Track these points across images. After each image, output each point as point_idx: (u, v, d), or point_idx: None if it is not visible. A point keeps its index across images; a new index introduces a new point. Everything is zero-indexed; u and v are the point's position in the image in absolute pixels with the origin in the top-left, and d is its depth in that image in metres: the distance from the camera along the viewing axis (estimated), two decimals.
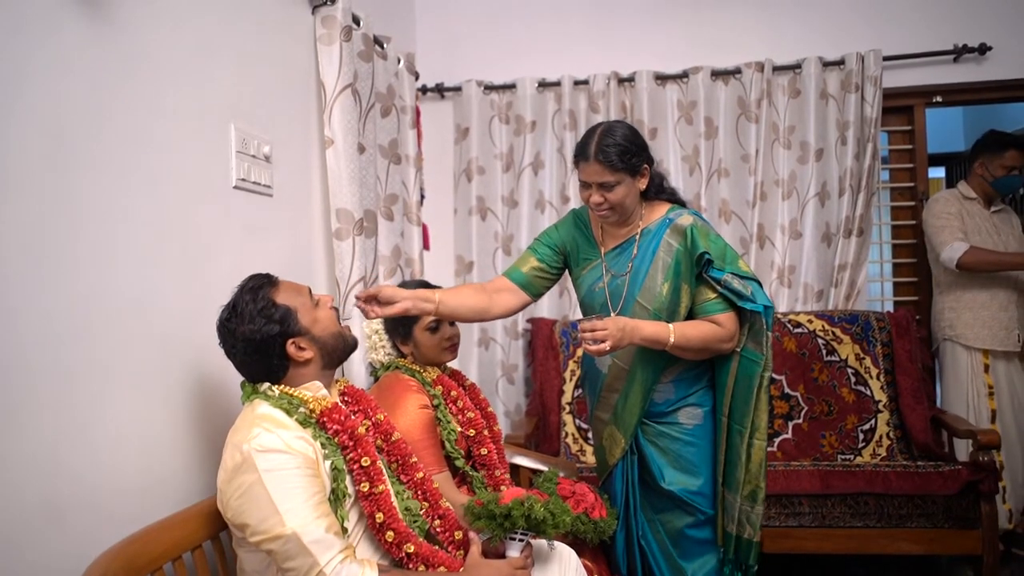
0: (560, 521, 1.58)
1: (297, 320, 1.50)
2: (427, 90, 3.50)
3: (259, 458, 1.34)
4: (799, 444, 3.01)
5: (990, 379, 3.15)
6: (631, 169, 1.96)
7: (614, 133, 1.97)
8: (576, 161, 2.03)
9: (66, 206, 1.33)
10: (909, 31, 3.32)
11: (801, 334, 3.11)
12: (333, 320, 1.58)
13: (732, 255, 1.98)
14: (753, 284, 1.95)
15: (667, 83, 3.41)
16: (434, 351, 2.04)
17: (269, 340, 1.48)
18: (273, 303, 1.49)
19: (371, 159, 2.52)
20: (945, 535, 2.63)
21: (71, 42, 1.35)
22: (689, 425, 2.04)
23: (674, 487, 2.03)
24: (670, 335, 1.91)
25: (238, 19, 1.92)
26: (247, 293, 1.50)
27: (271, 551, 1.34)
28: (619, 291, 2.05)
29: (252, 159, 1.94)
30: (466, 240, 3.54)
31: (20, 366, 1.23)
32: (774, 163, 3.37)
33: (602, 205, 1.99)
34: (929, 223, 3.22)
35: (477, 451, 2.00)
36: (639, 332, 1.91)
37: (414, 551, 1.50)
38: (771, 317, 1.93)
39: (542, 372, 3.22)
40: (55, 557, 1.27)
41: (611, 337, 1.84)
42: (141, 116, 1.53)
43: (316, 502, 1.37)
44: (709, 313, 1.95)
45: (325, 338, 1.54)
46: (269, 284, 1.53)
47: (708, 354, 1.99)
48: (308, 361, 1.52)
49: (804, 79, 3.32)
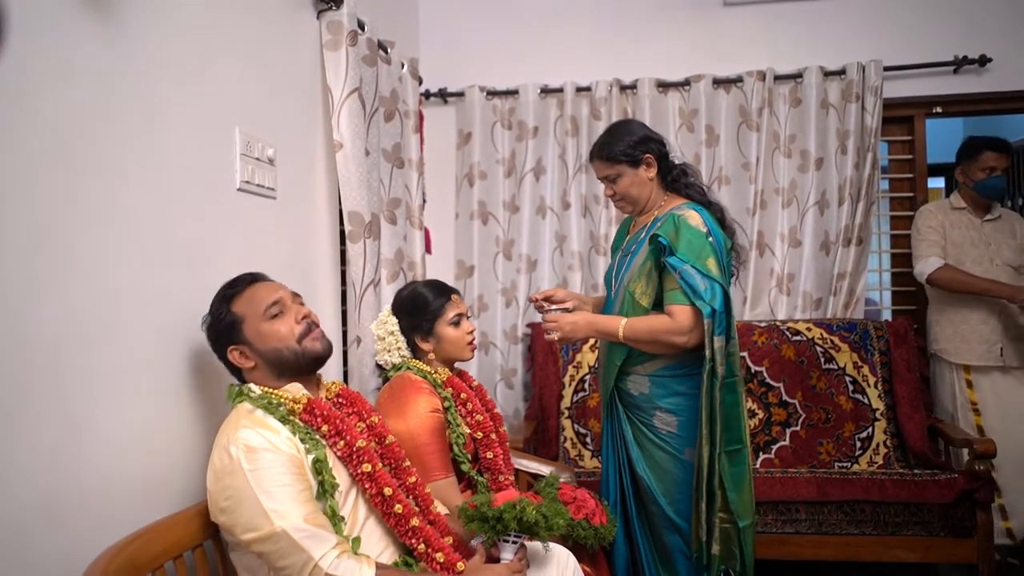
0: (553, 524, 1.58)
1: (241, 330, 1.53)
2: (430, 95, 3.52)
3: (245, 458, 1.36)
4: (796, 451, 3.02)
5: (974, 395, 3.10)
6: (631, 160, 2.08)
7: (614, 130, 2.17)
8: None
9: (70, 207, 1.34)
10: (910, 42, 3.34)
11: (800, 342, 3.13)
12: (288, 334, 1.53)
13: (706, 253, 1.95)
14: (714, 285, 1.91)
15: (669, 91, 3.43)
16: (458, 346, 2.06)
17: (215, 344, 1.56)
18: (227, 309, 1.54)
19: (375, 163, 2.54)
20: (941, 543, 2.64)
21: (77, 45, 1.36)
22: (663, 431, 2.05)
23: (645, 479, 2.07)
24: (619, 327, 2.01)
25: (243, 23, 1.94)
26: (218, 294, 1.58)
27: (263, 553, 1.34)
28: (620, 271, 2.16)
29: (256, 162, 1.95)
30: (467, 244, 3.56)
31: (21, 367, 1.23)
32: (774, 171, 3.39)
33: (613, 197, 2.15)
34: (912, 235, 3.24)
35: (483, 454, 2.00)
36: (594, 326, 2.08)
37: (418, 524, 1.53)
38: (725, 322, 1.90)
39: (541, 377, 3.24)
40: (55, 557, 1.28)
41: (560, 329, 2.05)
42: (146, 118, 1.54)
43: (304, 499, 1.38)
44: (669, 303, 1.97)
45: (266, 351, 1.53)
46: (241, 286, 1.57)
47: (662, 347, 1.99)
48: (253, 368, 1.54)
49: (805, 88, 3.34)
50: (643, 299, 2.02)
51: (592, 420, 3.14)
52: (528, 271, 3.52)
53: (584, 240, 3.48)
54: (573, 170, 3.47)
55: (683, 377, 2.04)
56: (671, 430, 2.04)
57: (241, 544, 1.37)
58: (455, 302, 2.07)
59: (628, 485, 2.13)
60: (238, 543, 1.39)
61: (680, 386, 2.04)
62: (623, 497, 2.14)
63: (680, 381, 2.04)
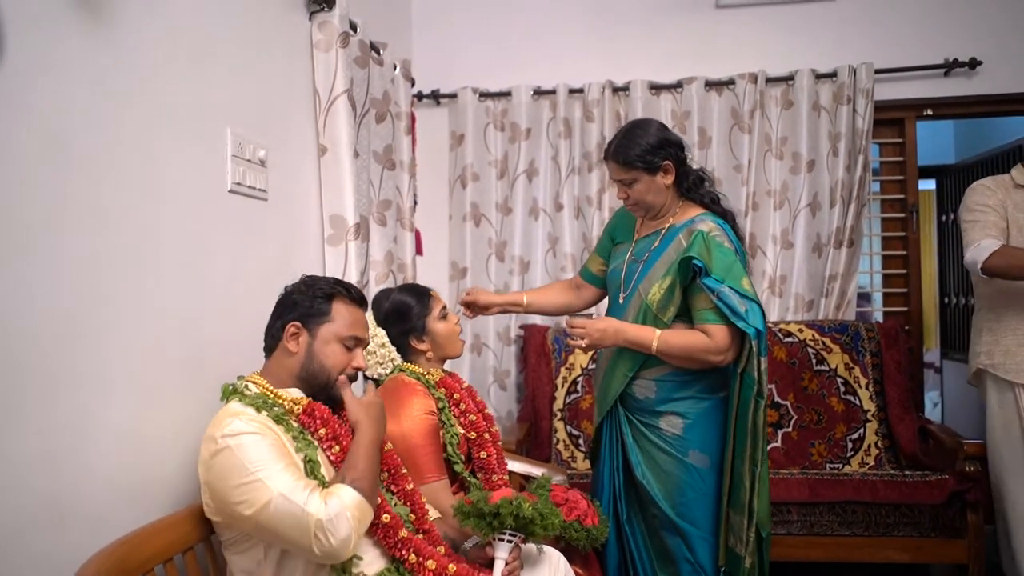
0: (549, 523, 1.59)
1: (318, 325, 1.55)
2: (423, 97, 3.52)
3: (233, 440, 1.36)
4: (788, 453, 3.03)
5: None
6: (648, 167, 2.02)
7: (633, 133, 2.06)
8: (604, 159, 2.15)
9: (63, 208, 1.33)
10: (901, 45, 3.36)
11: (791, 343, 3.14)
12: (337, 367, 1.55)
13: (738, 272, 1.95)
14: (752, 305, 1.92)
15: (661, 93, 3.44)
16: (451, 338, 2.05)
17: (284, 309, 1.58)
18: (327, 303, 1.57)
19: (365, 164, 2.54)
20: (932, 544, 2.65)
21: (69, 46, 1.36)
22: (668, 433, 2.05)
23: (645, 483, 2.06)
24: (653, 340, 1.97)
25: (235, 24, 1.93)
26: (337, 283, 1.63)
27: (266, 523, 1.33)
28: (632, 276, 2.12)
29: (248, 163, 1.95)
30: (460, 246, 3.55)
31: (14, 368, 1.23)
32: (766, 173, 3.40)
33: (626, 201, 2.10)
34: (961, 218, 2.59)
35: (477, 454, 2.00)
36: (623, 334, 2.01)
37: (406, 536, 1.52)
38: (764, 344, 1.91)
39: (534, 378, 3.24)
40: (49, 560, 1.27)
41: (589, 336, 2.00)
42: (138, 120, 1.53)
43: (293, 469, 1.38)
44: (701, 322, 1.96)
45: (313, 359, 1.54)
46: (356, 299, 1.62)
47: (695, 364, 1.98)
48: (289, 355, 1.55)
49: (797, 91, 3.35)
50: (663, 313, 2.00)
51: (585, 422, 3.15)
52: (521, 272, 3.52)
53: (577, 242, 3.48)
54: (566, 172, 3.47)
55: (691, 382, 2.04)
56: (677, 432, 2.04)
57: (246, 523, 1.36)
58: (436, 298, 2.07)
59: (620, 488, 2.13)
60: (242, 524, 1.37)
61: (688, 390, 2.04)
62: (615, 500, 2.14)
63: (688, 385, 2.04)
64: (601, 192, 3.42)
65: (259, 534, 1.38)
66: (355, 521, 1.36)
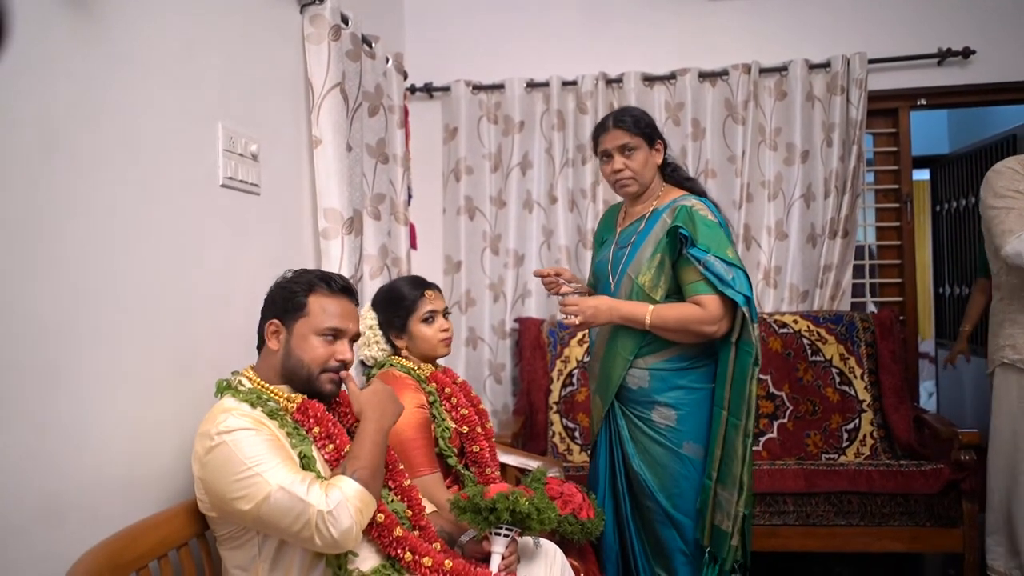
0: (545, 517, 1.59)
1: (294, 319, 1.53)
2: (416, 90, 3.51)
3: (229, 436, 1.36)
4: (784, 443, 3.04)
5: None
6: (647, 137, 2.11)
7: (629, 108, 2.21)
8: (596, 136, 2.17)
9: (54, 204, 1.32)
10: (894, 35, 3.35)
11: (786, 334, 3.14)
12: (317, 360, 1.52)
13: (723, 242, 1.98)
14: (738, 272, 1.94)
15: (655, 84, 3.43)
16: (430, 344, 2.02)
17: (268, 306, 1.58)
18: (304, 297, 1.54)
19: (358, 158, 2.52)
20: (927, 533, 2.66)
21: (58, 41, 1.35)
22: (661, 425, 2.05)
23: (641, 475, 2.07)
24: (647, 314, 1.99)
25: (226, 17, 1.92)
26: (315, 273, 1.59)
27: (265, 517, 1.32)
28: (618, 262, 2.13)
29: (240, 157, 1.94)
30: (454, 240, 3.55)
31: (5, 365, 1.22)
32: (760, 164, 3.39)
33: (623, 172, 2.10)
34: (987, 204, 2.39)
35: (470, 448, 2.00)
36: (617, 311, 2.04)
37: (401, 535, 1.51)
38: (754, 309, 1.93)
39: (529, 372, 3.24)
40: (42, 556, 1.27)
41: (582, 312, 2.02)
42: (128, 114, 1.52)
43: (290, 463, 1.37)
44: (693, 294, 1.97)
45: (292, 354, 1.52)
46: (335, 290, 1.57)
47: (691, 336, 1.99)
48: (273, 352, 1.54)
49: (790, 81, 3.35)
50: (655, 292, 2.02)
51: (580, 414, 3.15)
52: (515, 266, 3.51)
53: (571, 234, 3.47)
54: (560, 164, 3.47)
55: (684, 371, 2.04)
56: (670, 424, 2.04)
57: (245, 518, 1.35)
58: (429, 298, 2.02)
59: (622, 480, 2.12)
60: (240, 518, 1.36)
61: (681, 380, 2.05)
62: (615, 492, 2.14)
63: (681, 375, 2.05)
64: (595, 184, 3.42)
65: (259, 527, 1.38)
66: (357, 512, 1.35)
